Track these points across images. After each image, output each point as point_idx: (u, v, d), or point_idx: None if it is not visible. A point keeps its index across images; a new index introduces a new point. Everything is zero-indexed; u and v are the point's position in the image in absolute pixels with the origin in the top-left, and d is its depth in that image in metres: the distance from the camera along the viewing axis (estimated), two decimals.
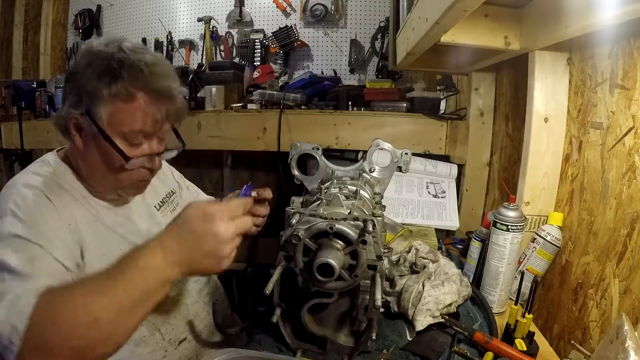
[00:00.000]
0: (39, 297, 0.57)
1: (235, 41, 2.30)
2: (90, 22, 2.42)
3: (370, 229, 0.62)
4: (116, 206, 0.86)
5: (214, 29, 2.29)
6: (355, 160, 1.69)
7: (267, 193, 0.86)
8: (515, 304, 0.80)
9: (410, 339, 0.79)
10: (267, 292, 0.62)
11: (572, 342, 0.84)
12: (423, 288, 0.83)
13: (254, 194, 0.82)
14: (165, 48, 2.34)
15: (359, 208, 0.72)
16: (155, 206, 0.96)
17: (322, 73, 2.18)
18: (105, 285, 0.58)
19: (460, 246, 1.34)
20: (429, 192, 1.54)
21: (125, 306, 0.57)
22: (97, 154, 0.77)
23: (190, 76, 1.98)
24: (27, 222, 0.68)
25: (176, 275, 0.61)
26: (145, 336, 0.84)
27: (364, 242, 0.62)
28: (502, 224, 0.87)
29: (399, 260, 0.97)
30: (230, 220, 0.61)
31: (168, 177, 1.07)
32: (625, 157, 0.77)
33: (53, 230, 0.70)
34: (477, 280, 0.99)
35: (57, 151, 0.86)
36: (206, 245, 0.60)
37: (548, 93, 0.99)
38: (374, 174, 0.92)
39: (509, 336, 0.77)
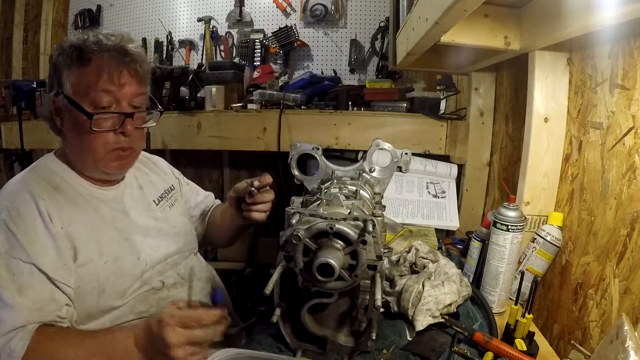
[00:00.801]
0: (30, 342, 0.66)
1: (235, 41, 2.30)
2: (90, 22, 2.42)
3: (370, 229, 0.62)
4: (114, 200, 0.88)
5: (214, 29, 2.29)
6: (355, 160, 1.69)
7: (267, 178, 0.92)
8: (515, 304, 0.80)
9: (410, 339, 0.79)
10: (267, 292, 0.62)
11: (572, 342, 0.84)
12: (423, 288, 0.83)
13: (256, 182, 0.92)
14: (165, 48, 2.34)
15: (359, 208, 0.72)
16: (154, 201, 0.98)
17: (322, 73, 2.18)
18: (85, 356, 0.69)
19: (460, 246, 1.34)
20: (429, 192, 1.54)
21: None
22: (72, 128, 0.81)
23: (190, 76, 1.98)
24: (20, 238, 0.72)
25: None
26: None
27: (364, 242, 0.62)
28: (502, 224, 0.87)
29: (399, 260, 0.97)
30: (180, 327, 0.66)
31: (167, 175, 1.09)
32: (625, 157, 0.77)
33: (44, 244, 0.74)
34: (477, 280, 0.99)
35: (54, 152, 0.89)
36: (157, 346, 0.67)
37: (548, 93, 0.99)
38: (374, 174, 0.92)
39: (509, 336, 0.77)
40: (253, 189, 0.92)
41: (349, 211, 0.68)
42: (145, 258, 0.87)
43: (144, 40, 2.36)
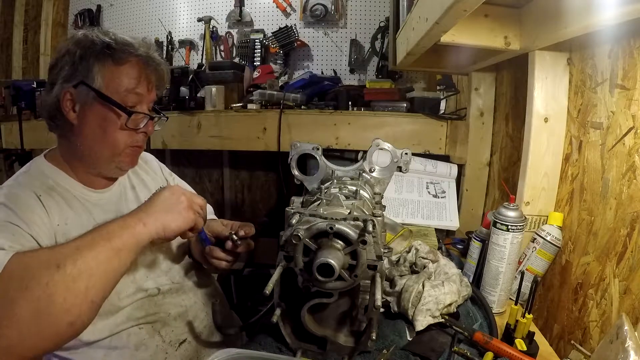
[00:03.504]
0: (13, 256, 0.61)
1: (235, 41, 2.30)
2: (90, 22, 2.43)
3: (370, 229, 0.62)
4: (107, 203, 0.88)
5: (214, 29, 2.29)
6: (355, 160, 1.68)
7: (252, 229, 0.92)
8: (515, 304, 0.80)
9: (410, 339, 0.79)
10: (267, 292, 0.62)
11: (572, 342, 0.84)
12: (423, 288, 0.83)
13: (241, 232, 0.91)
14: (165, 48, 2.34)
15: (359, 208, 0.72)
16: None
17: (322, 73, 2.18)
18: (70, 244, 0.65)
19: (460, 246, 1.34)
20: (429, 192, 1.54)
21: (90, 256, 0.63)
22: (94, 121, 0.81)
23: (190, 76, 1.98)
24: (20, 214, 0.71)
25: (142, 227, 0.69)
26: (144, 339, 0.84)
27: (364, 242, 0.62)
28: (502, 224, 0.87)
29: (399, 260, 0.97)
30: (186, 192, 0.78)
31: (157, 174, 1.07)
32: (625, 157, 0.77)
33: (41, 227, 0.73)
34: (477, 280, 0.99)
35: (44, 155, 0.88)
36: (165, 200, 0.74)
37: (548, 93, 0.99)
38: (374, 174, 0.92)
39: (509, 336, 0.77)
40: (236, 237, 0.90)
41: (349, 211, 0.68)
42: (135, 263, 0.84)
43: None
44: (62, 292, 0.59)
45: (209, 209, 1.21)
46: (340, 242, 0.64)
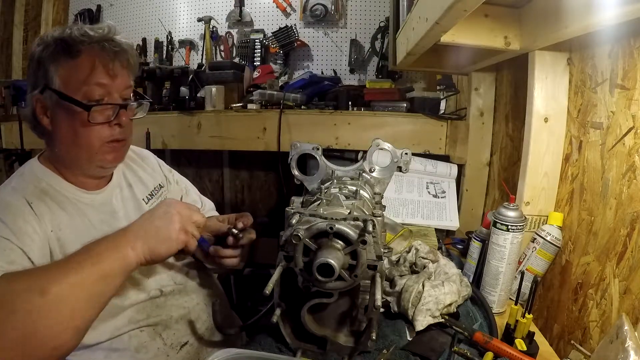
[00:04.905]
0: None
1: (235, 41, 2.30)
2: (90, 22, 2.42)
3: (370, 229, 0.62)
4: (102, 204, 0.85)
5: (214, 29, 2.29)
6: (355, 160, 1.68)
7: (250, 219, 0.91)
8: (515, 304, 0.80)
9: (410, 339, 0.79)
10: (267, 292, 0.62)
11: (572, 342, 0.84)
12: (423, 288, 0.83)
13: (239, 224, 0.89)
14: (165, 48, 2.34)
15: (359, 208, 0.72)
16: (143, 199, 0.94)
17: (322, 73, 2.18)
18: (57, 265, 0.64)
19: (460, 246, 1.34)
20: (429, 192, 1.54)
21: (76, 281, 0.61)
22: (64, 124, 0.78)
23: (190, 76, 1.97)
24: (9, 224, 0.69)
25: (131, 252, 0.67)
26: (145, 342, 0.83)
27: (364, 242, 0.62)
28: (502, 224, 0.87)
29: (399, 260, 0.97)
30: (182, 210, 0.74)
31: (156, 171, 1.04)
32: (625, 157, 0.77)
33: (33, 237, 0.71)
34: (477, 280, 0.99)
35: (38, 157, 0.86)
36: (156, 221, 0.71)
37: (548, 93, 0.99)
38: (374, 174, 0.92)
39: (509, 336, 0.77)
40: (236, 231, 0.88)
41: (349, 211, 0.68)
42: None
43: (144, 40, 2.36)
44: (45, 319, 0.58)
45: (210, 205, 1.20)
46: (340, 242, 0.64)
